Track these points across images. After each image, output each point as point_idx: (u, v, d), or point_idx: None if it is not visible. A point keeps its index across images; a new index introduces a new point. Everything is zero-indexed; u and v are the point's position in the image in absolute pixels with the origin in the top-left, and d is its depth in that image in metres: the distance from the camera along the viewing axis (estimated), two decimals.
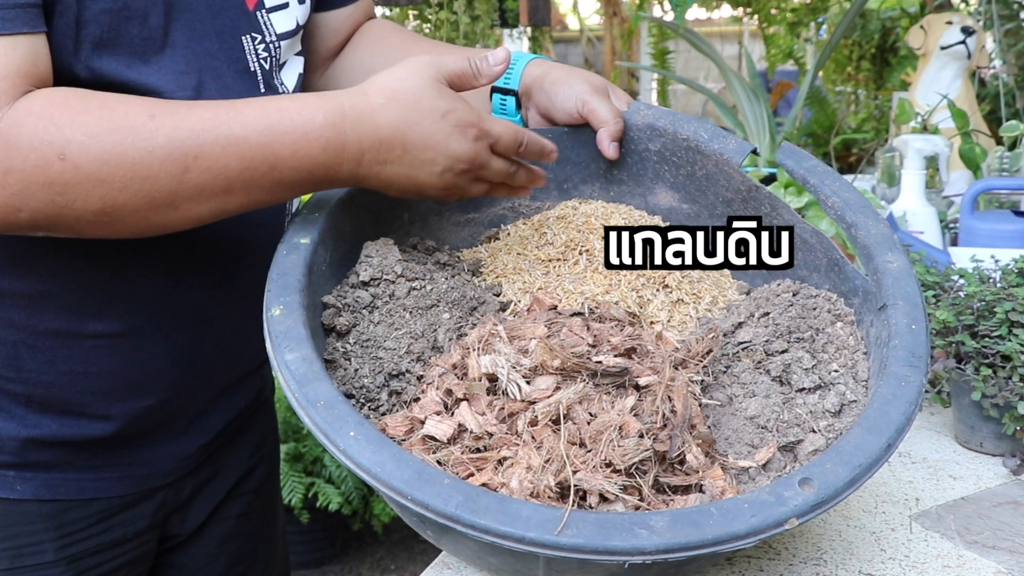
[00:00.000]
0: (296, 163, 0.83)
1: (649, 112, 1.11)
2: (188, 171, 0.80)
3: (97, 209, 0.79)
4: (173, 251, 0.97)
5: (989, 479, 1.12)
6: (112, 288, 0.95)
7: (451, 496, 0.69)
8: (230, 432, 1.16)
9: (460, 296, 0.96)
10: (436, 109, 0.86)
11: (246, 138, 0.81)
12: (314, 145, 0.83)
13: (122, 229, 0.82)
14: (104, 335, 0.96)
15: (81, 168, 0.77)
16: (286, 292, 0.85)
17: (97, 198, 0.78)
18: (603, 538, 0.67)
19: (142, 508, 1.06)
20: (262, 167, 0.82)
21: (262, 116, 0.82)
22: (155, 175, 0.79)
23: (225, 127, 0.80)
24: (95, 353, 0.96)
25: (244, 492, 1.21)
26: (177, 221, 0.83)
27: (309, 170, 0.84)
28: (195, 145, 0.80)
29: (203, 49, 0.93)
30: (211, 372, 1.07)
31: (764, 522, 0.70)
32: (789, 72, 5.79)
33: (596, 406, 0.80)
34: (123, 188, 0.78)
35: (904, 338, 0.84)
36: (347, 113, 0.84)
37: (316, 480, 2.76)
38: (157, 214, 0.81)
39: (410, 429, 0.82)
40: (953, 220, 1.97)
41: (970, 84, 2.77)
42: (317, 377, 0.78)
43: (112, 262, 0.94)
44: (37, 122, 0.76)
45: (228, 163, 0.81)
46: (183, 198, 0.81)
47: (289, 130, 0.82)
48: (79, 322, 0.95)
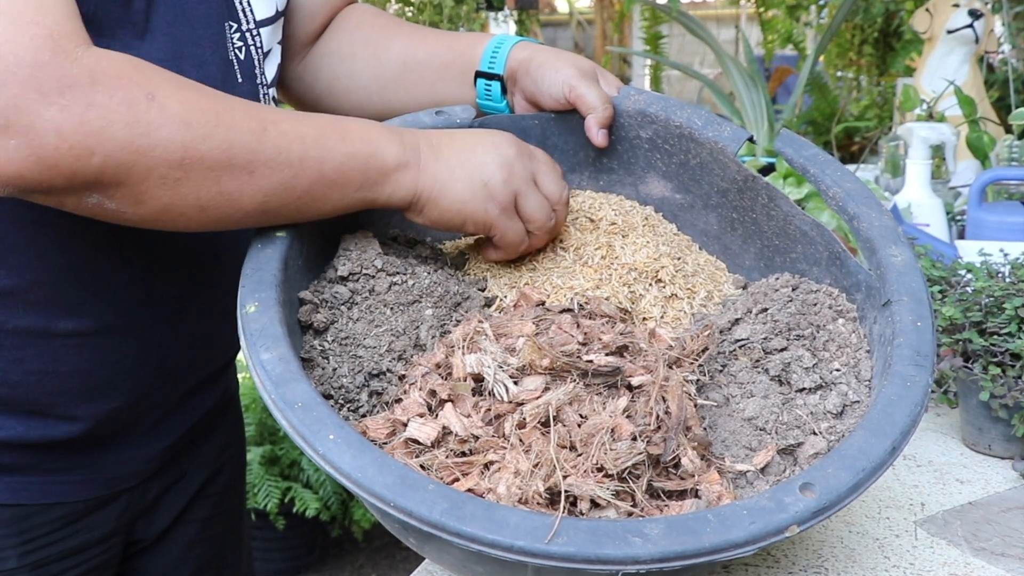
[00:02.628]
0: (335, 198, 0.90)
1: (640, 98, 1.10)
2: (267, 132, 0.82)
3: (176, 160, 0.78)
4: (149, 248, 0.97)
5: (998, 483, 1.12)
6: (85, 285, 0.95)
7: (436, 503, 0.69)
8: (196, 432, 1.16)
9: (443, 291, 0.96)
10: (526, 169, 0.97)
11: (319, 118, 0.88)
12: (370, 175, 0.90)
13: (189, 195, 0.81)
14: (74, 334, 0.95)
15: (168, 109, 0.77)
16: (261, 288, 0.85)
17: (179, 145, 0.78)
18: (595, 546, 0.67)
19: (106, 512, 1.06)
20: (333, 136, 0.87)
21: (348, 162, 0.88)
22: (237, 126, 0.81)
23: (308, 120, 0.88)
24: (64, 352, 0.96)
25: (210, 494, 1.21)
26: (244, 199, 0.84)
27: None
28: (271, 110, 0.85)
29: (185, 35, 0.93)
30: (181, 372, 1.07)
31: (763, 529, 0.70)
32: (788, 57, 5.80)
33: (587, 407, 0.80)
34: (207, 136, 0.79)
35: (909, 336, 0.84)
36: (405, 142, 0.92)
37: (293, 484, 2.74)
38: (232, 179, 0.82)
39: (392, 432, 0.81)
40: (960, 212, 1.97)
41: (978, 70, 2.77)
42: (294, 377, 0.77)
43: (86, 258, 0.94)
44: (124, 64, 0.77)
45: (303, 128, 0.85)
46: (260, 161, 0.82)
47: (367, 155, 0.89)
48: (49, 320, 0.94)
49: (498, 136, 0.97)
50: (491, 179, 0.93)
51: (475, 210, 0.94)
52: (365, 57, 1.21)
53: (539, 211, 0.97)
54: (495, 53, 1.14)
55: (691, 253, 1.07)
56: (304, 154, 0.84)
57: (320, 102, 1.25)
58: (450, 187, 0.92)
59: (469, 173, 0.93)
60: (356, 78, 1.22)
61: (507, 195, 0.94)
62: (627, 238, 1.04)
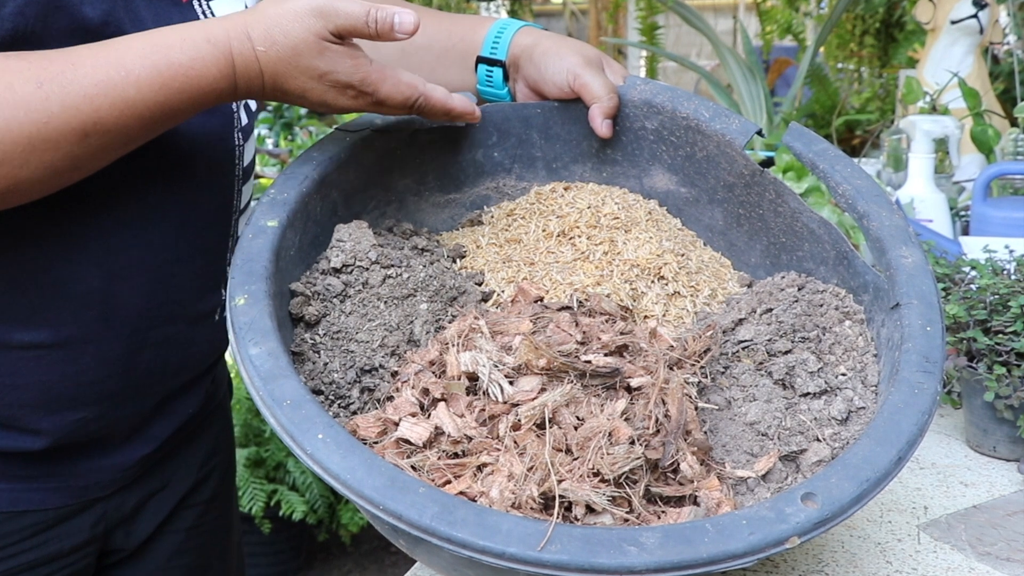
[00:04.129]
0: (192, 108, 0.86)
1: (646, 87, 1.09)
2: (88, 136, 0.80)
3: (2, 189, 0.78)
4: (108, 254, 0.94)
5: (1003, 486, 1.11)
6: (39, 296, 0.92)
7: (426, 506, 0.68)
8: (177, 441, 1.13)
9: (439, 285, 0.94)
10: (312, 69, 0.87)
11: (143, 99, 0.82)
12: (209, 97, 0.86)
13: (27, 199, 0.82)
14: (32, 345, 0.92)
15: None
16: (251, 280, 0.83)
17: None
18: (589, 555, 0.66)
19: (79, 521, 1.03)
20: (160, 119, 0.84)
21: (154, 73, 0.82)
22: (55, 145, 0.79)
23: (119, 89, 0.81)
24: (22, 364, 0.93)
25: (195, 504, 1.18)
26: (81, 178, 0.84)
27: (203, 107, 0.87)
28: (91, 111, 0.80)
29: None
30: (152, 381, 1.03)
31: (763, 540, 0.68)
32: (788, 48, 5.77)
33: (584, 409, 0.78)
34: (24, 164, 0.78)
35: (918, 340, 0.82)
36: (236, 63, 0.85)
37: (279, 487, 2.70)
38: (61, 180, 0.82)
39: (383, 431, 0.80)
40: (964, 207, 1.95)
41: (982, 61, 2.74)
42: (283, 374, 0.76)
43: (40, 268, 0.91)
44: None
45: (128, 124, 0.82)
46: (85, 160, 0.82)
47: (184, 87, 0.84)
48: (4, 331, 0.91)
49: (321, 84, 0.89)
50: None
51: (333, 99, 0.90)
52: (360, 42, 1.18)
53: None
54: (498, 38, 1.11)
55: (695, 249, 1.05)
56: (130, 140, 0.84)
57: None
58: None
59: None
60: None
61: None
62: (630, 233, 1.01)
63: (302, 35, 0.85)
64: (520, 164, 1.13)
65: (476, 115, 0.99)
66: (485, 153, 1.11)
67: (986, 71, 2.75)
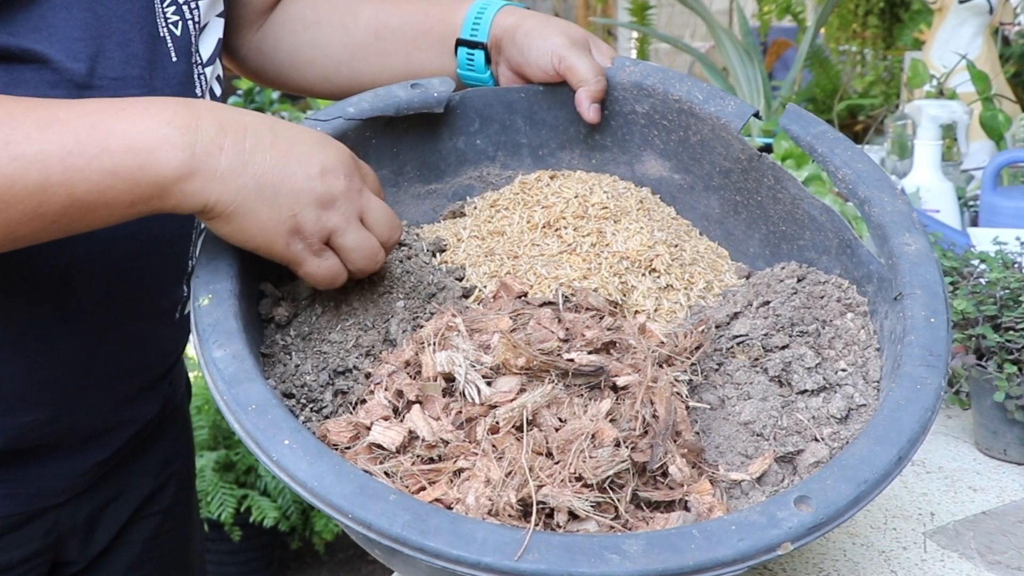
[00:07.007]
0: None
1: (636, 69, 1.07)
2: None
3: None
4: (61, 249, 0.90)
5: (1014, 491, 1.11)
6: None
7: (397, 514, 0.67)
8: (134, 446, 1.11)
9: (417, 281, 0.93)
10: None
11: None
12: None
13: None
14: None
15: None
16: (216, 279, 0.83)
17: None
18: (569, 564, 0.65)
19: (29, 530, 1.01)
20: (89, 151, 0.76)
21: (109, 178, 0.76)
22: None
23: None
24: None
25: (152, 513, 1.17)
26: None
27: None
28: (9, 118, 0.74)
29: (109, 10, 0.88)
30: (110, 381, 1.02)
31: (753, 547, 0.67)
32: (787, 29, 5.76)
33: (566, 410, 0.77)
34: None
35: (921, 333, 0.81)
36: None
37: (249, 492, 2.67)
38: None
39: (355, 436, 0.79)
40: (973, 197, 1.95)
41: (992, 43, 2.74)
42: (249, 377, 0.76)
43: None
44: None
45: (45, 145, 0.74)
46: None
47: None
48: None
49: (331, 156, 0.83)
50: (302, 212, 0.80)
51: (275, 242, 0.80)
52: (331, 24, 1.16)
53: (359, 251, 0.84)
54: (478, 19, 1.10)
55: (690, 239, 1.04)
56: (46, 180, 0.74)
57: (281, 75, 1.20)
58: (253, 209, 0.79)
59: (279, 196, 0.79)
60: (322, 47, 1.17)
61: (318, 233, 0.81)
62: (619, 223, 1.00)
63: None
64: (504, 152, 1.11)
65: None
66: (467, 141, 1.10)
67: (996, 53, 2.75)
